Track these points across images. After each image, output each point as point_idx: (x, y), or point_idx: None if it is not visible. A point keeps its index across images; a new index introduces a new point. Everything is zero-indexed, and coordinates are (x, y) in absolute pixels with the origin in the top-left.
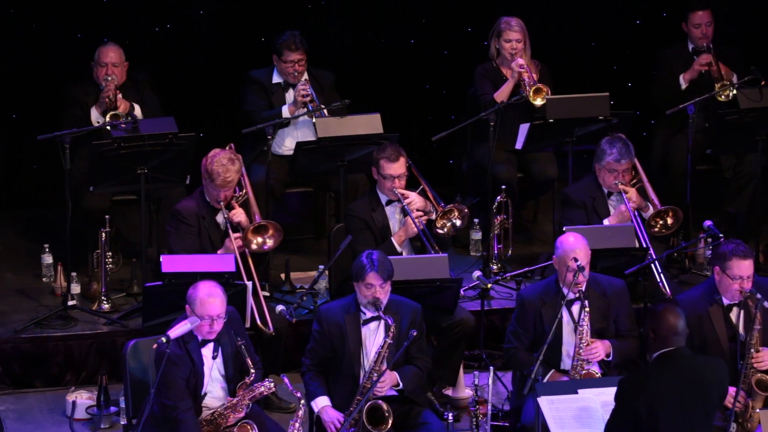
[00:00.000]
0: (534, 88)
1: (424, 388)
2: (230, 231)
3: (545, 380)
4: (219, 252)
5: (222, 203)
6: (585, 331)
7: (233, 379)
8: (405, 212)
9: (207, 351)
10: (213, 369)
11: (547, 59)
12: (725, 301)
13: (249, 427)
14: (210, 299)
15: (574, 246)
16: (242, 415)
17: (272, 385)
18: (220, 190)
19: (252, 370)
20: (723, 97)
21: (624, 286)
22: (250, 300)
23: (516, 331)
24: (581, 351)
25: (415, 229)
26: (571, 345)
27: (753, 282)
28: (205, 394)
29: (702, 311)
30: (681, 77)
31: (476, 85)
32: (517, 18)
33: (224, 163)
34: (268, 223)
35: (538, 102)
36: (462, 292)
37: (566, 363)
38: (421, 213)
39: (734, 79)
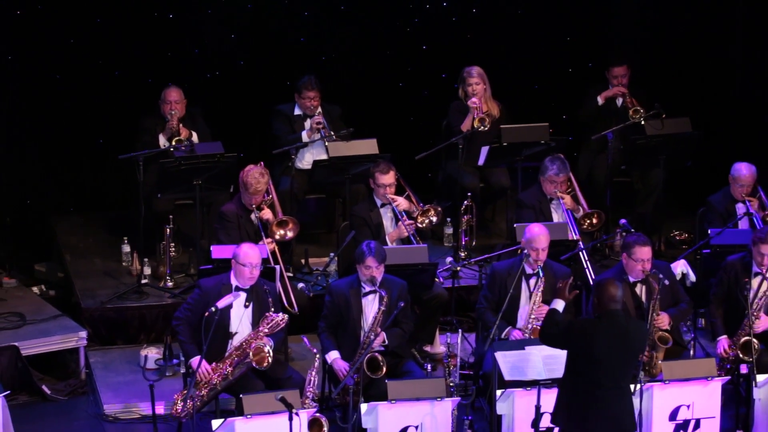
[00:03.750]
0: (479, 117)
1: (409, 345)
2: (263, 235)
3: (503, 334)
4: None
5: (254, 206)
6: (538, 298)
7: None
8: (395, 213)
9: (239, 301)
10: (244, 316)
11: (503, 97)
12: (631, 279)
13: (266, 349)
14: (251, 251)
15: (539, 233)
16: (262, 343)
17: (285, 316)
18: (252, 196)
19: (272, 309)
20: (635, 117)
21: (569, 273)
22: (278, 281)
23: (486, 294)
24: (533, 312)
25: (406, 233)
26: (525, 308)
27: (653, 264)
28: (236, 332)
29: None
30: (598, 96)
31: (450, 117)
32: (477, 67)
33: (256, 177)
34: (288, 219)
35: (480, 128)
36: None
37: (521, 322)
38: (411, 222)
39: (642, 110)
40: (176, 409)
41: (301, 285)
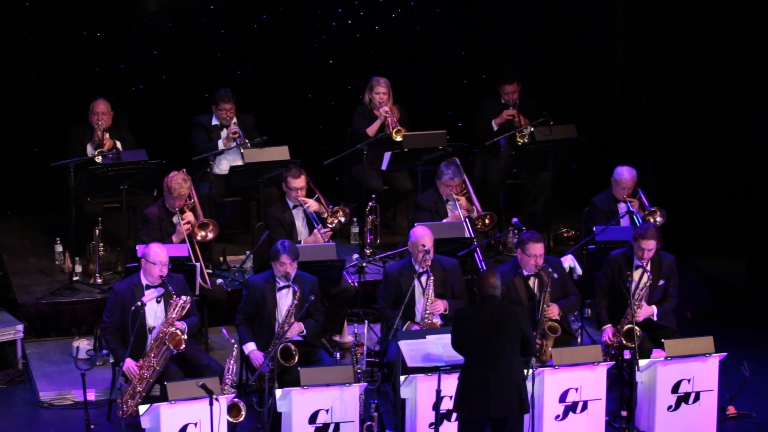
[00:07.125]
0: (395, 129)
1: (320, 335)
2: (181, 223)
3: (404, 329)
4: (173, 237)
5: (176, 209)
6: (430, 293)
7: None
8: (307, 215)
9: (151, 295)
10: (158, 310)
11: (403, 106)
12: (525, 273)
13: (178, 332)
14: (160, 250)
15: (423, 235)
16: (174, 328)
17: (187, 297)
18: (176, 200)
19: (174, 295)
20: (520, 140)
21: (457, 264)
22: (198, 276)
23: (384, 295)
24: (428, 307)
25: (322, 240)
26: (420, 303)
27: (544, 259)
28: (154, 327)
29: (509, 280)
30: (493, 122)
31: (354, 120)
32: (384, 78)
33: (179, 182)
34: (209, 221)
35: (399, 138)
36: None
37: (418, 317)
38: (327, 230)
39: (530, 128)
40: (123, 410)
41: (219, 281)
